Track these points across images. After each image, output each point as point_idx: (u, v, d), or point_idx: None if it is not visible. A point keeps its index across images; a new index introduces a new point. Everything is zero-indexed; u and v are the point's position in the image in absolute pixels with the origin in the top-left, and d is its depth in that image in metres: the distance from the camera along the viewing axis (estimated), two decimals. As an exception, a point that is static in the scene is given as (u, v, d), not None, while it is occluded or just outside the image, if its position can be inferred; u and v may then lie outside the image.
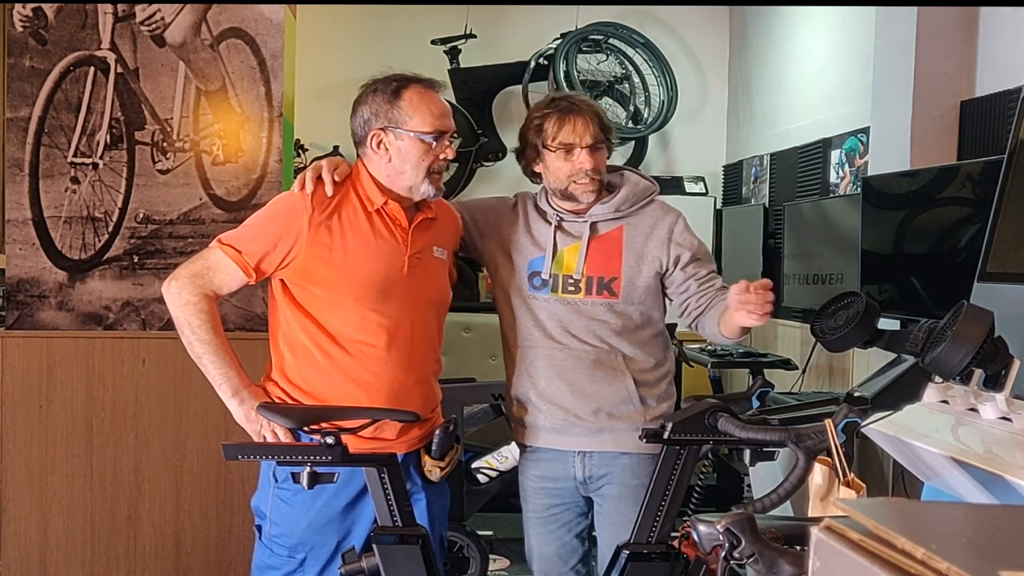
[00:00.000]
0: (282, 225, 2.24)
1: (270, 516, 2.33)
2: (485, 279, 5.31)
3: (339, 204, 2.27)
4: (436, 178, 2.30)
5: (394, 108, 2.26)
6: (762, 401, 2.02)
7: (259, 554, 2.36)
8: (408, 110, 2.26)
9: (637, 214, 2.46)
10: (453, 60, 5.55)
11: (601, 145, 2.41)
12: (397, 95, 2.27)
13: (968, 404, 1.88)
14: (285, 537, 2.30)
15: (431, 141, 2.26)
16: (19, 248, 3.39)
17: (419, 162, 2.26)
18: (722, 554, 1.29)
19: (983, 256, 2.42)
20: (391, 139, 2.27)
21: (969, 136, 3.26)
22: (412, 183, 2.29)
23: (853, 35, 4.21)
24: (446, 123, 2.29)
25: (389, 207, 2.30)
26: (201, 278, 2.25)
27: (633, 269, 2.42)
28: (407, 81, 2.30)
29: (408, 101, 2.26)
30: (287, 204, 2.26)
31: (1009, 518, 0.87)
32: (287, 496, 2.29)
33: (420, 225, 2.34)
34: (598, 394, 2.37)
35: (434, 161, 2.27)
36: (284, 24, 3.43)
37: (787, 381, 4.12)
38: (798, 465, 1.67)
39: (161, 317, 3.42)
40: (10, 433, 3.33)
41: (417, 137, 2.25)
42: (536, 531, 2.50)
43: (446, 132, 2.29)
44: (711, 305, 2.40)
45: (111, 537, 3.36)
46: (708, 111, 5.66)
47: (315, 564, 2.29)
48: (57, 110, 3.38)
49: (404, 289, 2.30)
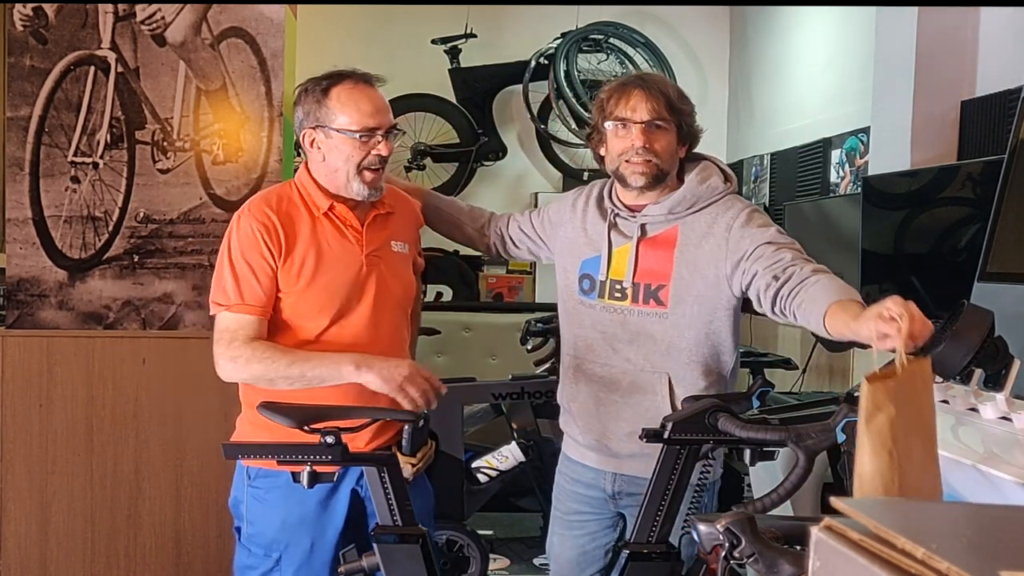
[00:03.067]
0: (259, 256, 2.22)
1: (246, 515, 2.32)
2: (485, 279, 5.32)
3: (287, 218, 2.25)
4: (368, 176, 2.24)
5: (322, 107, 2.23)
6: (762, 401, 2.02)
7: (239, 555, 2.35)
8: (335, 108, 2.22)
9: (696, 214, 2.20)
10: (453, 60, 5.55)
11: (663, 124, 2.16)
12: (325, 94, 2.24)
13: (968, 404, 1.88)
14: (260, 536, 2.30)
15: (360, 138, 2.22)
16: (19, 247, 3.39)
17: (349, 159, 2.23)
18: (722, 554, 1.29)
19: (983, 256, 2.42)
20: (321, 138, 2.25)
21: (969, 136, 3.26)
22: (345, 181, 2.25)
23: (853, 35, 4.21)
24: (377, 119, 2.23)
25: (337, 210, 2.28)
26: (236, 339, 2.20)
27: (683, 276, 2.17)
28: (338, 78, 2.26)
29: (336, 99, 2.23)
30: (247, 235, 2.22)
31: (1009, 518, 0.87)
32: (260, 494, 2.28)
33: (374, 222, 2.32)
34: (634, 418, 2.19)
35: (364, 158, 2.23)
36: (284, 24, 3.43)
37: (787, 381, 4.12)
38: (798, 465, 1.67)
39: (161, 316, 3.42)
40: (10, 432, 3.33)
41: (345, 135, 2.22)
42: (559, 531, 2.43)
43: (377, 128, 2.23)
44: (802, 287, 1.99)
45: (111, 536, 3.36)
46: (708, 111, 5.64)
47: (291, 564, 2.28)
48: (57, 109, 3.38)
49: (367, 289, 2.28)
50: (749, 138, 5.46)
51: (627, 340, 2.23)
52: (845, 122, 4.20)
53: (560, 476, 2.44)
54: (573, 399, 2.35)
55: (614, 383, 2.25)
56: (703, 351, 2.21)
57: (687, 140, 2.24)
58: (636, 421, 2.14)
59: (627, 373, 2.23)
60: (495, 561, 4.07)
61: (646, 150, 2.15)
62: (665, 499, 2.01)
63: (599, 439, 2.30)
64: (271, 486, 2.27)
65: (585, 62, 5.51)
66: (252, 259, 2.21)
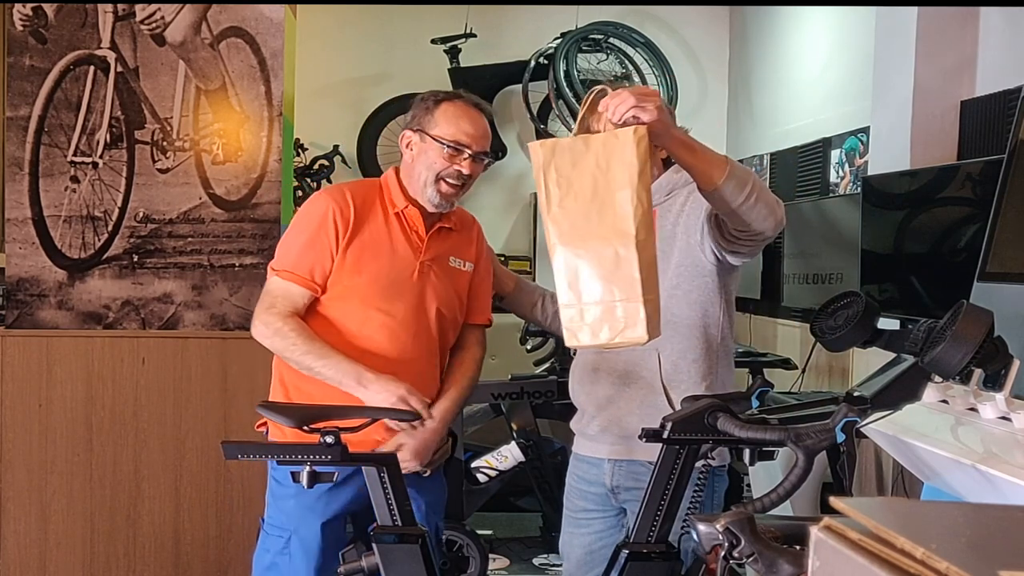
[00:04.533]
0: (324, 234, 2.32)
1: (268, 499, 2.41)
2: (485, 278, 5.31)
3: (363, 208, 2.35)
4: (445, 187, 2.33)
5: (428, 115, 2.35)
6: (761, 400, 2.02)
7: (260, 542, 2.42)
8: (439, 118, 2.34)
9: (672, 197, 2.29)
10: (453, 59, 5.55)
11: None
12: (437, 104, 2.36)
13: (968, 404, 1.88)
14: (276, 517, 2.37)
15: (448, 149, 2.31)
16: (19, 247, 3.39)
17: (431, 165, 2.32)
18: (722, 553, 1.29)
19: (983, 256, 2.42)
20: (416, 141, 2.36)
21: (969, 136, 3.26)
22: (421, 185, 2.34)
23: (853, 35, 4.21)
24: (471, 140, 2.33)
25: (408, 211, 2.37)
26: (275, 307, 2.32)
27: (663, 251, 2.19)
28: (453, 96, 2.39)
29: (443, 111, 2.34)
30: (320, 212, 2.33)
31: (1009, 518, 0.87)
32: (281, 476, 2.33)
33: (437, 233, 2.40)
34: (627, 400, 2.27)
35: (445, 168, 2.31)
36: (284, 23, 3.43)
37: (787, 381, 4.12)
38: (798, 465, 1.67)
39: (161, 316, 3.42)
40: (10, 432, 3.33)
41: (435, 142, 2.32)
42: (568, 529, 2.47)
43: (468, 147, 2.32)
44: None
45: (111, 536, 3.36)
46: (708, 111, 5.66)
47: (300, 548, 2.33)
48: (57, 109, 3.38)
49: (412, 294, 2.35)
50: (749, 138, 5.46)
51: None
52: (845, 122, 4.20)
53: (569, 475, 2.49)
54: (576, 391, 2.40)
55: (611, 367, 2.30)
56: (688, 322, 2.24)
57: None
58: (629, 402, 2.25)
59: (619, 354, 2.27)
60: (494, 561, 4.07)
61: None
62: (664, 499, 2.01)
63: (599, 426, 2.33)
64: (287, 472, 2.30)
65: (585, 62, 5.50)
66: (316, 235, 2.32)
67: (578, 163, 1.82)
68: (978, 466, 1.64)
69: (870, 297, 2.20)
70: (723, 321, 2.28)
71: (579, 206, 1.81)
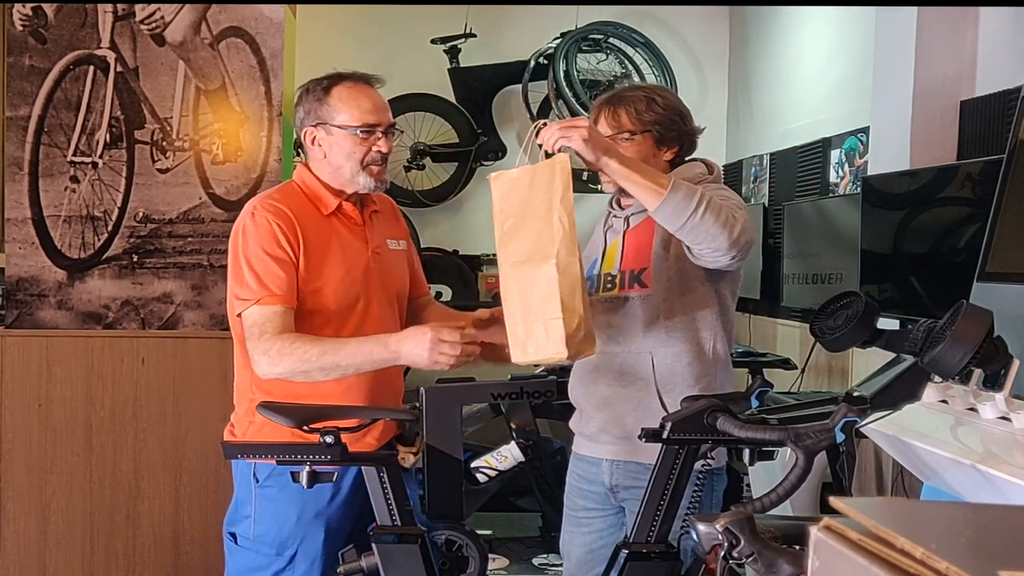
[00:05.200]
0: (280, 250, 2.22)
1: (254, 517, 2.30)
2: (485, 279, 5.32)
3: (300, 215, 2.26)
4: (375, 170, 2.29)
5: (324, 105, 2.28)
6: (761, 400, 2.02)
7: (240, 559, 2.34)
8: (337, 105, 2.28)
9: None
10: (453, 59, 5.55)
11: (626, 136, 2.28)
12: (327, 92, 2.29)
13: (967, 404, 1.88)
14: (272, 535, 2.28)
15: (360, 134, 2.27)
16: (19, 247, 3.39)
17: (351, 156, 2.27)
18: (721, 553, 1.29)
19: (983, 256, 2.42)
20: (322, 135, 2.29)
21: (969, 136, 3.26)
22: (350, 176, 2.29)
23: (853, 35, 4.21)
24: (377, 117, 2.29)
25: (344, 208, 2.33)
26: (266, 332, 2.18)
27: (659, 254, 2.26)
28: (338, 78, 2.32)
29: (337, 97, 2.28)
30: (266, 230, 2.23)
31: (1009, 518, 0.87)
32: (272, 494, 2.27)
33: (371, 220, 2.38)
34: (624, 400, 2.28)
35: (367, 154, 2.28)
36: (284, 23, 3.43)
37: (786, 381, 4.12)
38: (797, 464, 1.66)
39: (160, 316, 3.42)
40: (9, 432, 3.33)
41: (346, 131, 2.27)
42: (569, 528, 2.47)
43: (377, 125, 2.28)
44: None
45: (110, 536, 3.36)
46: (708, 111, 5.66)
47: (305, 560, 2.28)
48: (57, 109, 3.38)
49: (372, 287, 2.32)
50: (748, 138, 5.46)
51: (617, 325, 2.30)
52: (844, 122, 4.19)
53: (569, 474, 2.50)
54: (575, 391, 2.41)
55: (607, 367, 2.31)
56: (681, 326, 2.25)
57: (670, 142, 2.32)
58: (625, 402, 2.26)
59: (615, 355, 2.29)
60: (494, 561, 4.07)
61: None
62: (664, 499, 2.02)
63: (597, 426, 2.34)
64: (285, 484, 2.23)
65: (584, 62, 5.50)
66: (272, 251, 2.21)
67: (520, 192, 2.02)
68: (978, 466, 1.64)
69: (870, 297, 2.20)
70: (716, 325, 2.28)
71: (519, 232, 1.99)
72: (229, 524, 2.37)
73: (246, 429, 2.31)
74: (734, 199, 2.20)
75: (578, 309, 1.94)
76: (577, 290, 1.94)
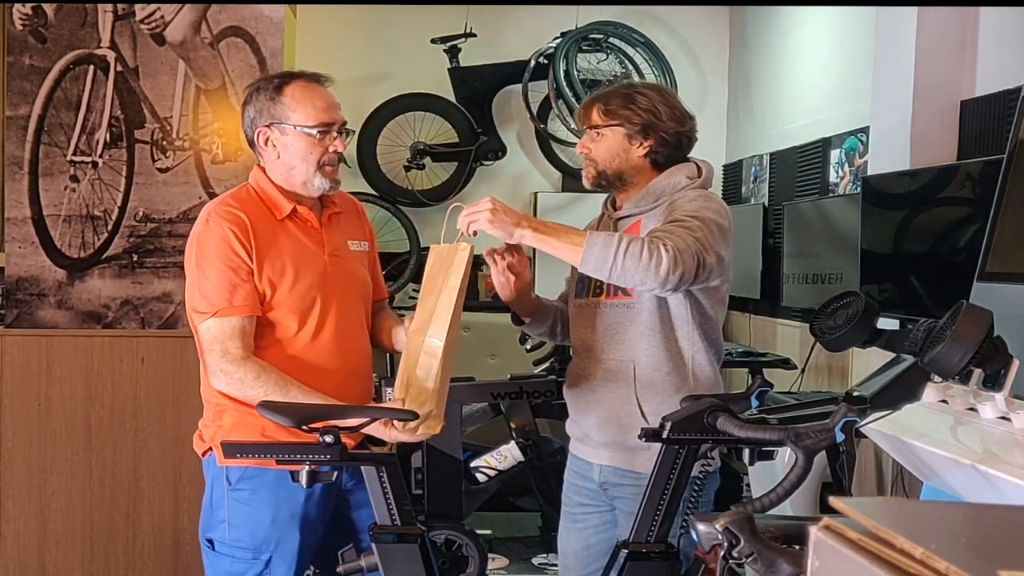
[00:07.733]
0: (236, 257, 2.20)
1: (228, 520, 2.27)
2: (484, 279, 5.31)
3: (256, 220, 2.24)
4: (329, 171, 2.27)
5: (276, 105, 2.24)
6: (761, 400, 2.02)
7: (217, 565, 2.30)
8: (290, 105, 2.24)
9: (659, 207, 2.28)
10: (453, 59, 5.55)
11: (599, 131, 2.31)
12: (279, 91, 2.25)
13: (967, 404, 1.88)
14: (248, 539, 2.26)
15: (316, 134, 2.24)
16: (19, 246, 3.39)
17: (307, 156, 2.24)
18: (721, 553, 1.29)
19: (983, 256, 2.42)
20: (276, 135, 2.26)
21: (969, 136, 3.26)
22: (305, 178, 2.26)
23: (853, 35, 4.21)
24: (331, 116, 2.26)
25: (299, 211, 2.29)
26: (228, 352, 2.16)
27: None
28: (289, 77, 2.29)
29: (290, 96, 2.24)
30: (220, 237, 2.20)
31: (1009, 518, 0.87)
32: (244, 496, 2.25)
33: (330, 221, 2.35)
34: (606, 407, 2.30)
35: (323, 154, 2.25)
36: (284, 23, 3.43)
37: (786, 381, 4.13)
38: (797, 464, 1.66)
39: (160, 316, 3.42)
40: (9, 432, 3.33)
41: (301, 131, 2.24)
42: (566, 525, 2.49)
43: (332, 124, 2.26)
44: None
45: (110, 535, 3.36)
46: (708, 110, 5.65)
47: (281, 563, 2.26)
48: (57, 108, 3.38)
49: (333, 290, 2.29)
50: (748, 138, 5.46)
51: (602, 330, 2.32)
52: (844, 122, 4.19)
53: (566, 472, 2.52)
54: (570, 397, 2.43)
55: (592, 373, 2.33)
56: (661, 336, 2.26)
57: (643, 136, 2.30)
58: (607, 409, 2.29)
59: (600, 362, 2.31)
60: (494, 560, 4.07)
61: (585, 156, 2.35)
62: (664, 498, 2.02)
63: (583, 430, 2.38)
64: (258, 486, 2.24)
65: (585, 62, 5.50)
66: (227, 260, 2.18)
67: (433, 267, 2.19)
68: (977, 466, 1.64)
69: (870, 297, 2.20)
70: (695, 335, 2.27)
71: (425, 304, 2.16)
72: (205, 531, 2.32)
73: (214, 434, 2.28)
74: (702, 214, 2.16)
75: (428, 387, 2.10)
76: (434, 368, 2.10)
